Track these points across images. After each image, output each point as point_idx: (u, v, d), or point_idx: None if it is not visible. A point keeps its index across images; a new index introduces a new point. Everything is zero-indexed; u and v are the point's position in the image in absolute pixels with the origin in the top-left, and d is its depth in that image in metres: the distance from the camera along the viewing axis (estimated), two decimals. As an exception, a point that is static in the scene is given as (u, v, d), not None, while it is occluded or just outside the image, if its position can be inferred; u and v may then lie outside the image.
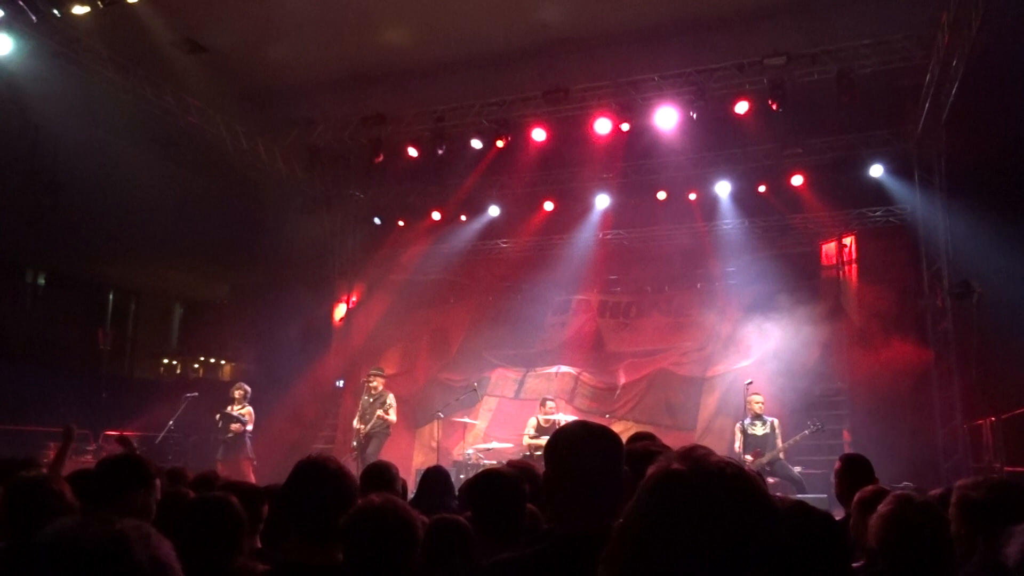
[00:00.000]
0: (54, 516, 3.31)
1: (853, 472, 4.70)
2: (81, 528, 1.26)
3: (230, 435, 11.81)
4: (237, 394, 12.20)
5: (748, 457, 10.67)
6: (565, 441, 2.23)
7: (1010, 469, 9.75)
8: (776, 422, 10.94)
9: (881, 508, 2.94)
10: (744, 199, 14.54)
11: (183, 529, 2.96)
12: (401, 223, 16.44)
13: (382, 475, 4.66)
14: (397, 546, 2.56)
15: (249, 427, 11.97)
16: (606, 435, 2.23)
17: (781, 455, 10.72)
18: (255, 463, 11.85)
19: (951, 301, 12.27)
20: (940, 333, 12.62)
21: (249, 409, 12.13)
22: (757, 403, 11.06)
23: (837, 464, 4.95)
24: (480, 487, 3.35)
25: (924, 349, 12.70)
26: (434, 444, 13.26)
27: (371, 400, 12.08)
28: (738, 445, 10.97)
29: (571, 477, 2.13)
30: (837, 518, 3.53)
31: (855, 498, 3.71)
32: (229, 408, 12.06)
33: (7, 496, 3.43)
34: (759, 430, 10.88)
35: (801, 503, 2.55)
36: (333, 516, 2.66)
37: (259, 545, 3.64)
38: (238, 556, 3.03)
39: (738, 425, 11.22)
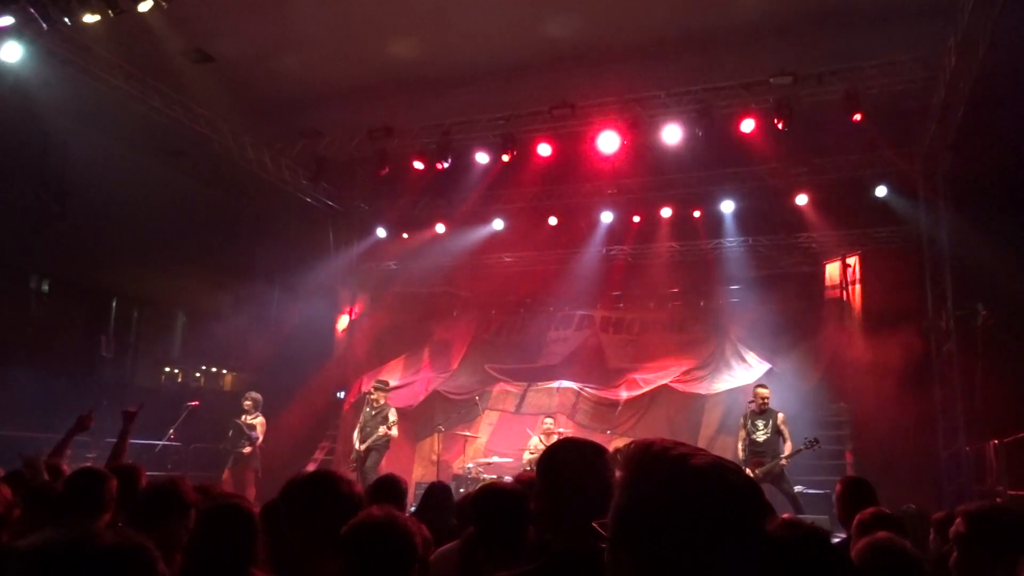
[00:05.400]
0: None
1: (855, 495, 4.68)
2: (88, 532, 1.27)
3: (239, 449, 11.79)
4: (247, 403, 12.14)
5: (748, 471, 10.44)
6: (556, 458, 2.24)
7: (1013, 492, 9.69)
8: (782, 417, 10.66)
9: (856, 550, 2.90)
10: (749, 217, 14.54)
11: (199, 535, 2.92)
12: (405, 235, 16.44)
13: (393, 489, 4.63)
14: (396, 561, 2.53)
15: (259, 440, 11.92)
16: (596, 450, 2.24)
17: (783, 462, 10.41)
18: (259, 474, 11.81)
19: (956, 323, 12.23)
20: (944, 355, 12.58)
21: (261, 420, 12.08)
22: (760, 394, 10.82)
23: (839, 487, 4.92)
24: (484, 502, 3.31)
25: (928, 371, 12.66)
26: (434, 457, 13.21)
27: (372, 413, 12.04)
28: (741, 451, 10.77)
29: (564, 493, 2.13)
30: (836, 541, 3.50)
31: (854, 521, 3.68)
32: (243, 417, 12.01)
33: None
34: (761, 434, 10.61)
35: (796, 521, 2.50)
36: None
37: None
38: (252, 567, 2.95)
39: (741, 420, 11.03)
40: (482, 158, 13.60)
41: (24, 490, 3.92)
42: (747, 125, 12.09)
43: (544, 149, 13.16)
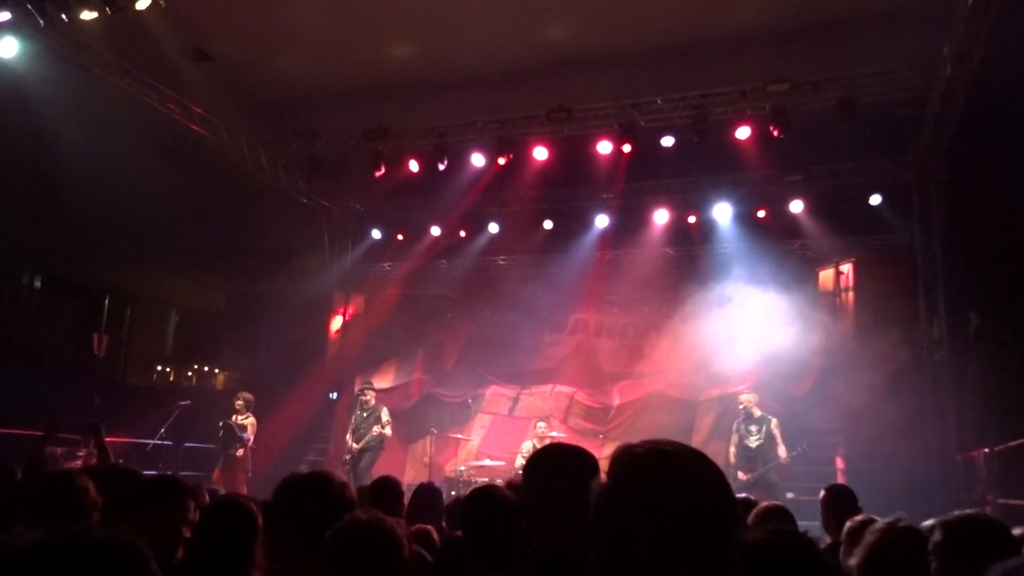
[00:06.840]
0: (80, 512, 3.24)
1: (837, 502, 4.82)
2: (79, 530, 1.21)
3: (231, 451, 11.76)
4: (239, 404, 12.09)
5: (740, 475, 10.46)
6: (541, 463, 2.26)
7: (1003, 501, 9.71)
8: (775, 423, 10.71)
9: (867, 538, 2.93)
10: (743, 223, 14.56)
11: (200, 532, 2.89)
12: (400, 237, 16.45)
13: (390, 491, 4.61)
14: (382, 565, 2.52)
15: (250, 440, 11.89)
16: (581, 456, 2.26)
17: (774, 475, 10.44)
18: (250, 475, 11.77)
19: (948, 331, 12.27)
20: (936, 363, 12.61)
21: (252, 420, 12.03)
22: (748, 401, 10.89)
23: (822, 493, 5.05)
24: (474, 506, 3.29)
25: (920, 378, 12.68)
26: (427, 460, 13.19)
27: (364, 415, 12.03)
28: (733, 455, 10.79)
29: (547, 498, 2.15)
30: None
31: (845, 528, 3.70)
32: (234, 417, 11.97)
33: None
34: (753, 439, 10.64)
35: (780, 531, 2.50)
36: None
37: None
38: (252, 568, 2.91)
39: (734, 426, 11.07)
40: (478, 161, 13.60)
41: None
42: (743, 131, 12.11)
43: (540, 153, 13.16)
